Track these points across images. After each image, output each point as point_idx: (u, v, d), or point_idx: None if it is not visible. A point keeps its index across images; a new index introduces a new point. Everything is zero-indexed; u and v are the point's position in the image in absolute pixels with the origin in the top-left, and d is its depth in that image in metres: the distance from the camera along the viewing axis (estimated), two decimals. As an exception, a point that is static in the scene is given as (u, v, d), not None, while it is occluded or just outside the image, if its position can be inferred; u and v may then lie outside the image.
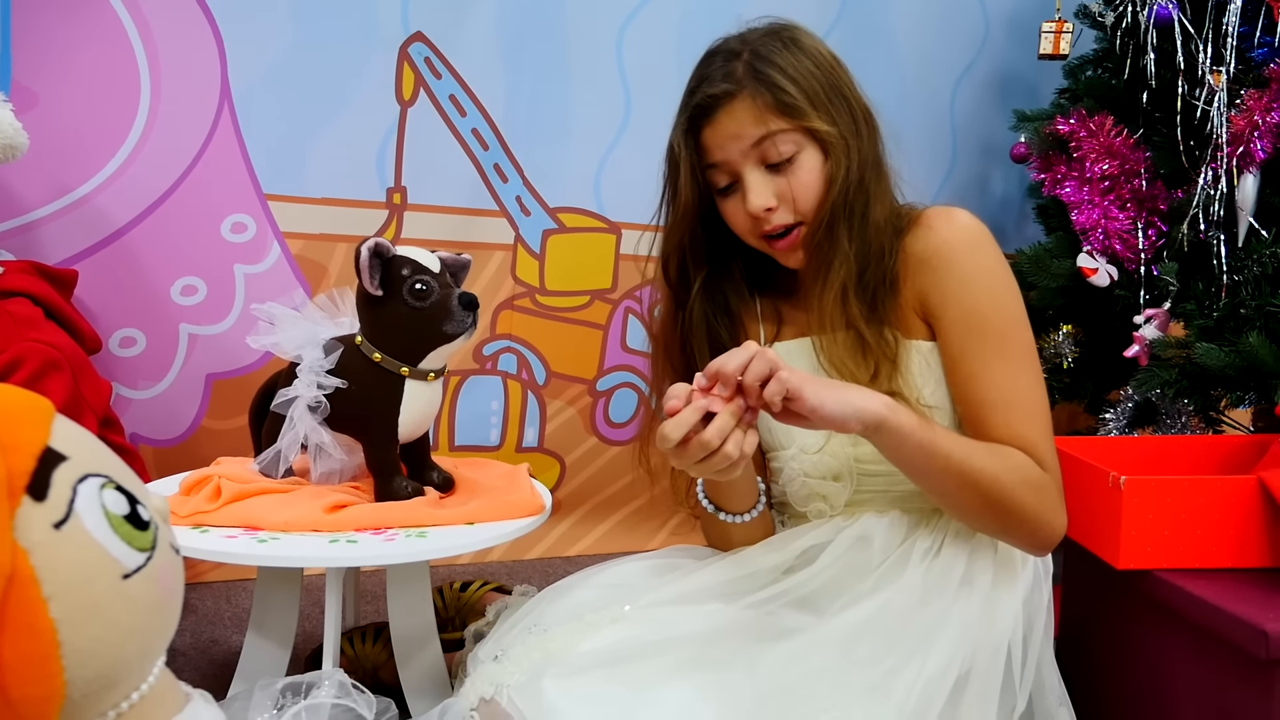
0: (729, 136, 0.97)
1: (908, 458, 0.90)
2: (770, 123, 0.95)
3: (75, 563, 0.56)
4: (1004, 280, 0.98)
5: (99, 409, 1.35)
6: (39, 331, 1.29)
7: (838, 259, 0.96)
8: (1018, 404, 0.95)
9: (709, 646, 0.92)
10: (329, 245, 1.65)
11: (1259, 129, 1.47)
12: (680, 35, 1.78)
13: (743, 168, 0.97)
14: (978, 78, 2.10)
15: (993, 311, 0.96)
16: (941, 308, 0.97)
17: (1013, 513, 0.92)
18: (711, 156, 0.99)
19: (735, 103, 0.96)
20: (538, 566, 1.82)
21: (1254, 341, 1.38)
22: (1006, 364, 0.95)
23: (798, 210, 0.98)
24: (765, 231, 0.99)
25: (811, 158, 0.97)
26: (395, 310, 1.03)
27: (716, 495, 1.02)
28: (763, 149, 0.96)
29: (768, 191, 0.97)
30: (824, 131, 0.96)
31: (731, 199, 1.00)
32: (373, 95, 1.63)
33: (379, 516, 1.02)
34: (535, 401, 1.84)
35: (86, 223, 1.52)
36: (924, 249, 0.98)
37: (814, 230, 0.98)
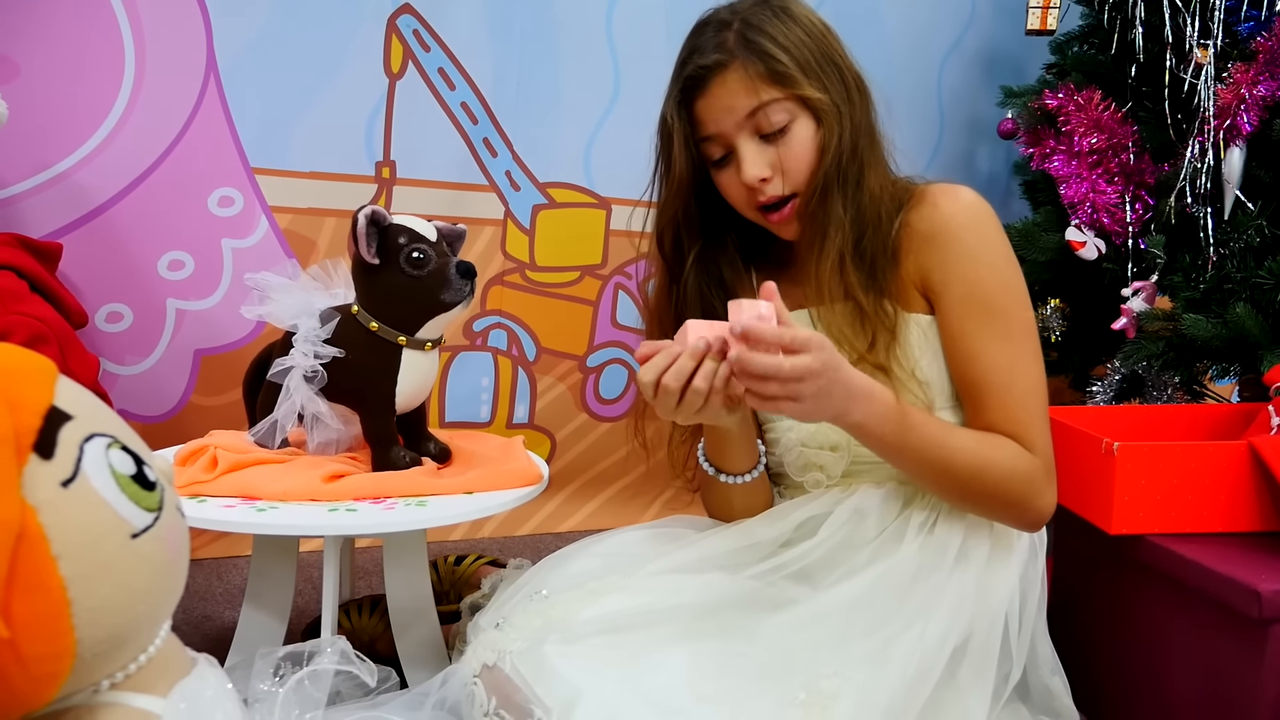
0: (722, 108, 0.96)
1: (889, 456, 0.93)
2: (763, 92, 0.95)
3: (84, 522, 0.56)
4: (1007, 259, 0.98)
5: (86, 384, 1.33)
6: (24, 305, 1.28)
7: (833, 227, 0.96)
8: (1015, 385, 0.95)
9: (710, 615, 0.93)
10: (317, 219, 1.64)
11: (1245, 102, 1.48)
12: (670, 8, 1.77)
13: (737, 139, 0.96)
14: (964, 54, 2.10)
15: (996, 290, 0.96)
16: (943, 285, 0.97)
17: (997, 501, 0.94)
18: (705, 129, 0.98)
19: (727, 73, 0.95)
20: (529, 542, 1.82)
21: (1241, 312, 1.40)
22: (1007, 344, 0.96)
23: (792, 180, 0.97)
24: (761, 203, 0.99)
25: (804, 127, 0.97)
26: (392, 279, 1.03)
27: (717, 456, 1.02)
28: (756, 119, 0.95)
29: (762, 162, 0.96)
30: (816, 99, 0.96)
31: (726, 171, 0.99)
32: (361, 68, 1.61)
33: (378, 486, 1.01)
34: (525, 378, 1.84)
35: (70, 197, 1.49)
36: (929, 225, 0.97)
37: (808, 200, 0.97)
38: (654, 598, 0.94)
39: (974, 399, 0.97)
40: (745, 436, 0.99)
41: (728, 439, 0.99)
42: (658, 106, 1.80)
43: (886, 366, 0.97)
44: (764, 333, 0.79)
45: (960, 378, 0.98)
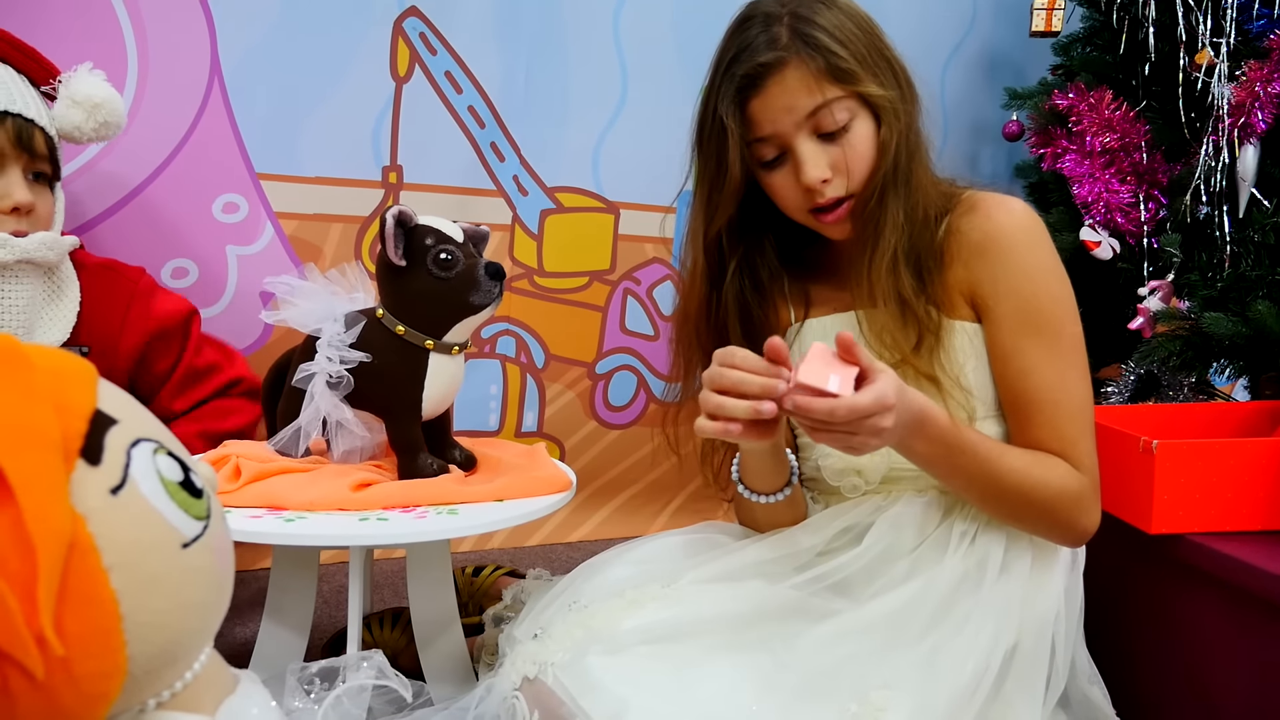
0: (781, 108, 0.92)
1: (939, 475, 0.92)
2: (825, 90, 0.91)
3: (134, 531, 0.53)
4: (1059, 274, 0.97)
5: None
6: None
7: (889, 227, 0.94)
8: (1064, 402, 0.94)
9: (752, 626, 0.91)
10: (323, 225, 1.60)
11: (1260, 100, 1.48)
12: (677, 12, 1.76)
13: (795, 139, 0.93)
14: (966, 57, 2.10)
15: (1049, 305, 0.95)
16: (995, 298, 0.95)
17: (1045, 519, 0.93)
18: (760, 130, 0.94)
19: (786, 71, 0.91)
20: (540, 553, 1.79)
21: (1263, 310, 1.39)
22: (1057, 360, 0.94)
23: (852, 180, 0.94)
24: (818, 205, 0.96)
25: (865, 125, 0.94)
26: (419, 281, 1.00)
27: (747, 475, 1.00)
28: (817, 119, 0.92)
29: (823, 163, 0.93)
30: (877, 96, 0.93)
31: (779, 172, 0.96)
32: (367, 71, 1.58)
33: (407, 494, 0.98)
34: (534, 385, 1.81)
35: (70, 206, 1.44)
36: (981, 235, 0.95)
37: (865, 200, 0.95)
38: (696, 607, 0.91)
39: (1021, 414, 0.95)
40: (776, 459, 0.97)
41: (758, 460, 0.97)
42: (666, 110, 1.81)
43: (932, 374, 0.96)
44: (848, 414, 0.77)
45: (1008, 391, 0.96)
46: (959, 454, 0.88)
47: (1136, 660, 1.13)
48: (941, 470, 0.91)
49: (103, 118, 1.19)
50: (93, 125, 1.19)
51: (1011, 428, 0.97)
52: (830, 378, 0.77)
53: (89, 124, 1.19)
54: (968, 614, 0.91)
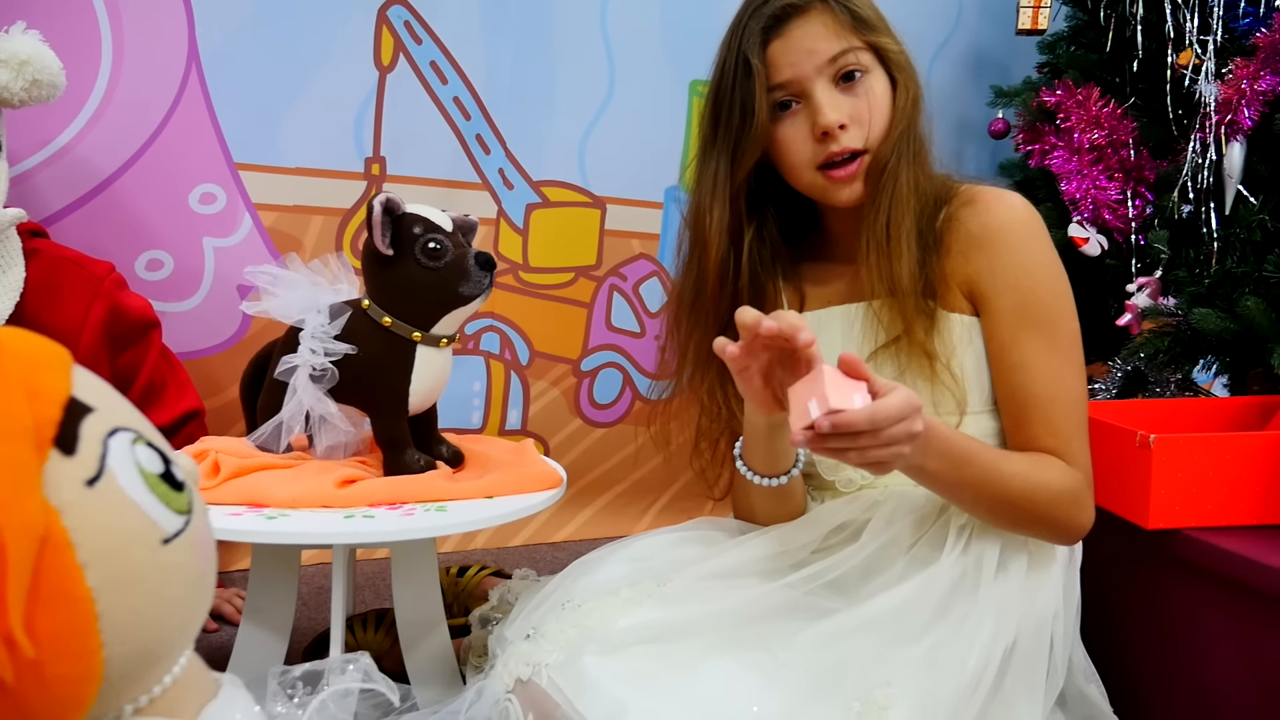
0: (803, 51, 0.92)
1: (941, 491, 0.91)
2: (847, 37, 0.92)
3: (111, 525, 0.50)
4: (1058, 270, 0.96)
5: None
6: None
7: (903, 195, 0.92)
8: (1060, 398, 0.93)
9: (750, 624, 0.89)
10: (304, 217, 1.57)
11: (1246, 97, 1.48)
12: (665, 4, 1.74)
13: (813, 84, 0.93)
14: (952, 55, 2.10)
15: (1048, 301, 0.94)
16: (993, 291, 0.94)
17: (1044, 522, 0.92)
18: (779, 74, 0.93)
19: (811, 14, 0.92)
20: (524, 553, 1.76)
21: (1252, 306, 1.39)
22: (1054, 355, 0.94)
23: (866, 134, 0.93)
24: (830, 155, 0.93)
25: (880, 80, 0.95)
26: (407, 271, 0.97)
27: (749, 456, 0.98)
28: (837, 64, 0.92)
29: (843, 109, 0.92)
30: (894, 52, 0.94)
31: (793, 122, 0.95)
32: (350, 60, 1.55)
33: (394, 491, 0.95)
34: (519, 382, 1.78)
35: (38, 196, 1.41)
36: (980, 229, 0.94)
37: (881, 161, 0.93)
38: (692, 605, 0.89)
39: (1017, 409, 0.94)
40: (780, 439, 0.95)
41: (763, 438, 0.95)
42: (654, 104, 1.80)
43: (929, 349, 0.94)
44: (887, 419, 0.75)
45: (1004, 386, 0.95)
46: (966, 465, 0.87)
47: (1133, 656, 1.12)
48: (949, 484, 0.89)
49: (31, 75, 1.13)
50: (21, 85, 1.12)
51: (1006, 422, 0.96)
52: (853, 396, 0.75)
53: (17, 83, 1.12)
54: (966, 612, 0.90)
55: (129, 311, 1.27)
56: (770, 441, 0.94)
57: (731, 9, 1.00)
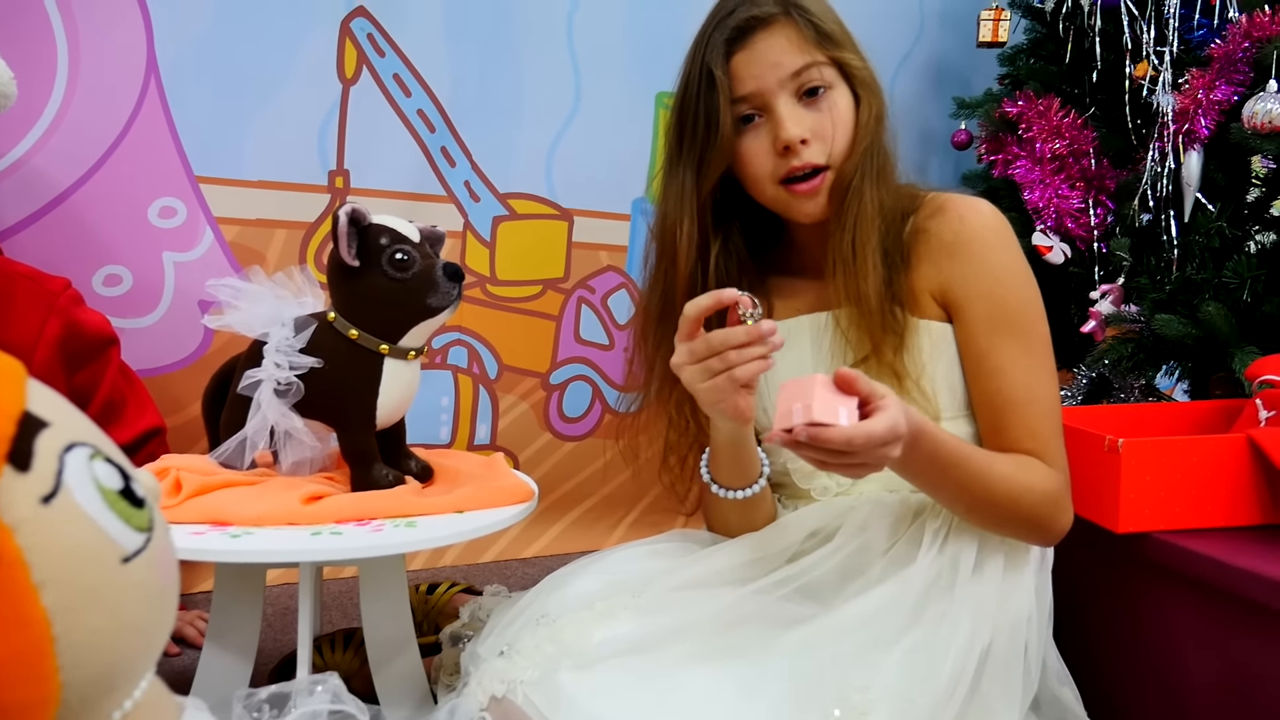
0: (767, 64, 0.92)
1: (928, 490, 0.91)
2: (811, 51, 0.92)
3: (69, 544, 0.48)
4: (1029, 276, 0.97)
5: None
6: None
7: (867, 213, 0.93)
8: (1037, 400, 0.94)
9: (726, 633, 0.88)
10: (266, 231, 1.54)
11: (1202, 106, 1.51)
12: (631, 16, 1.74)
13: (776, 98, 0.92)
14: (914, 67, 2.12)
15: (1021, 306, 0.95)
16: (968, 298, 0.95)
17: (1028, 523, 0.93)
18: (742, 87, 0.93)
19: (775, 28, 0.92)
20: (495, 569, 1.74)
21: (1212, 311, 1.41)
22: (1029, 359, 0.95)
23: (829, 150, 0.93)
24: (792, 169, 0.93)
25: (844, 96, 0.94)
26: (374, 282, 0.95)
27: (717, 471, 0.97)
28: (800, 79, 0.92)
29: (804, 123, 0.92)
30: (858, 68, 0.94)
31: (755, 135, 0.95)
32: (313, 72, 1.53)
33: (362, 507, 0.93)
34: (487, 396, 1.76)
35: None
36: (953, 236, 0.95)
37: (845, 178, 0.94)
38: (668, 616, 0.88)
39: (996, 413, 0.95)
40: (747, 451, 0.95)
41: (731, 452, 0.94)
42: (620, 116, 1.80)
43: (897, 369, 0.94)
44: (864, 444, 0.76)
45: (982, 391, 0.95)
46: (953, 467, 0.87)
47: (1106, 660, 1.13)
48: (934, 483, 0.90)
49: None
50: None
51: (984, 427, 0.96)
52: (839, 411, 0.75)
53: None
54: (942, 613, 0.90)
55: (85, 328, 1.24)
56: (736, 452, 0.94)
57: (696, 20, 1.00)
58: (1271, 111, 1.38)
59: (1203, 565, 0.99)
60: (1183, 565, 1.02)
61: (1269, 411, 1.18)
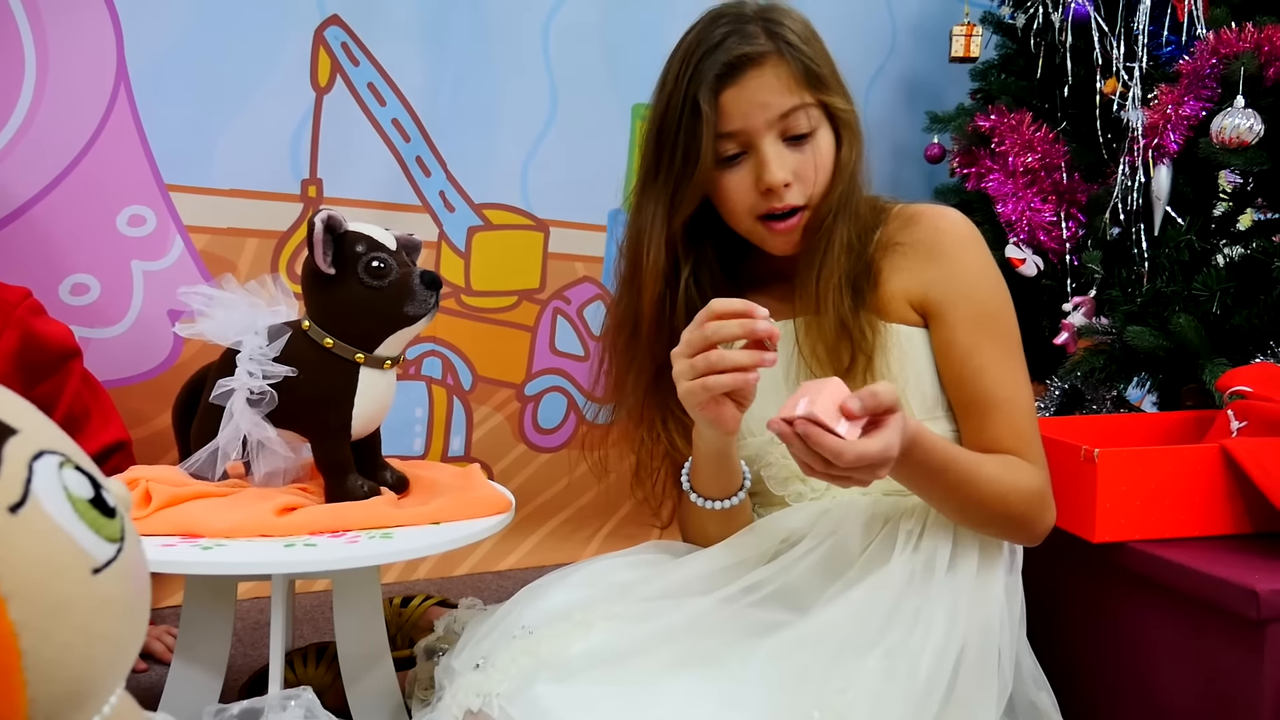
0: (756, 104, 0.91)
1: (920, 492, 0.92)
2: (800, 94, 0.91)
3: (37, 554, 0.46)
4: (1002, 279, 1.00)
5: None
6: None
7: (836, 249, 0.94)
8: (1018, 399, 0.96)
9: (703, 639, 0.87)
10: (237, 240, 1.52)
11: (1171, 121, 1.53)
12: (608, 26, 1.74)
13: (762, 138, 0.92)
14: (888, 81, 2.14)
15: (999, 308, 0.97)
16: (949, 301, 0.96)
17: (1015, 523, 0.94)
18: (729, 124, 0.92)
19: (765, 67, 0.91)
20: (469, 582, 1.72)
21: (1184, 323, 1.43)
22: (1009, 359, 0.96)
23: (807, 191, 0.94)
24: (772, 209, 0.94)
25: (827, 138, 0.94)
26: (350, 290, 0.94)
27: (698, 481, 0.97)
28: (787, 121, 0.91)
29: (788, 165, 0.92)
30: (844, 111, 0.94)
31: (737, 172, 0.94)
32: (286, 80, 1.52)
33: (337, 518, 0.92)
34: (461, 407, 1.75)
35: (-45, 216, 1.35)
36: (931, 243, 0.96)
37: (820, 217, 0.94)
38: (644, 625, 0.87)
39: (979, 412, 0.95)
40: (730, 461, 0.95)
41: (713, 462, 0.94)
42: (596, 126, 1.79)
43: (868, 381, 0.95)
44: (854, 460, 0.76)
45: (964, 391, 0.96)
46: (943, 470, 0.87)
47: (1084, 668, 1.13)
48: (925, 487, 0.90)
49: None
50: None
51: (967, 427, 0.97)
52: (841, 421, 0.75)
53: None
54: (917, 612, 0.90)
55: (44, 339, 1.21)
56: (719, 463, 0.94)
57: (675, 33, 0.99)
58: (1239, 127, 1.40)
59: (1179, 574, 1.00)
60: (1159, 574, 1.02)
61: (1240, 422, 1.20)
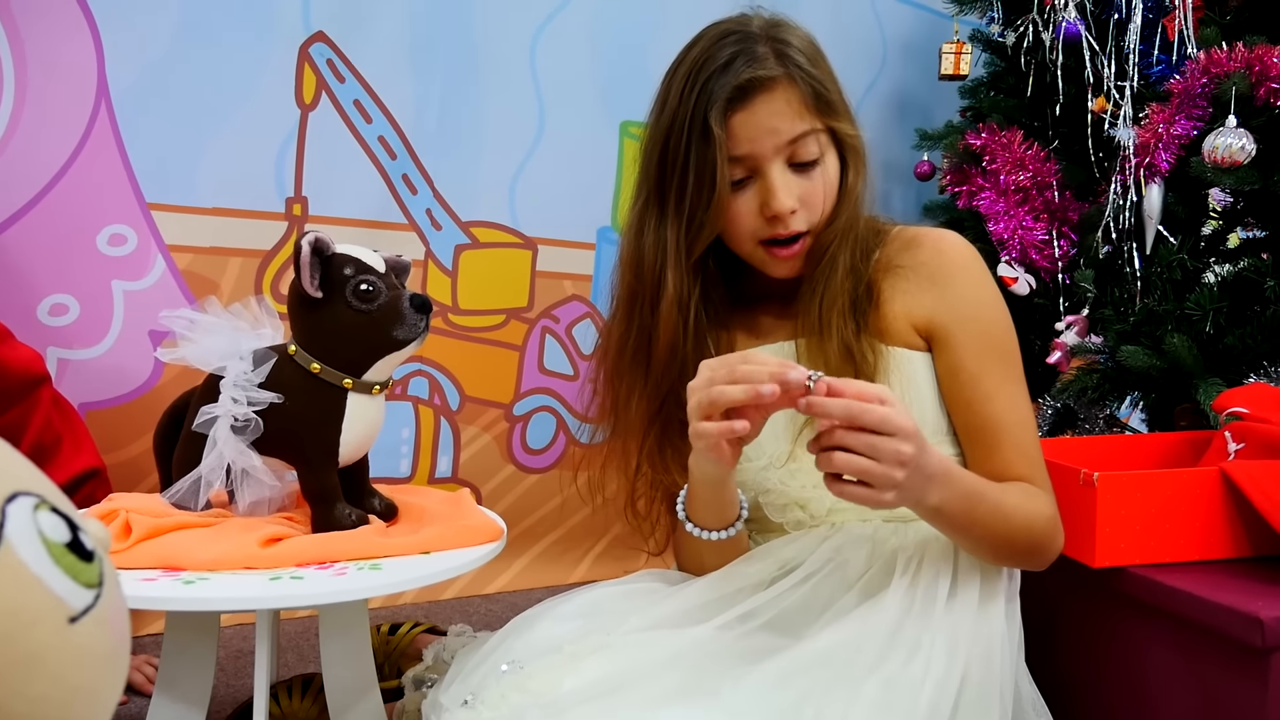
0: (765, 129, 0.88)
1: (950, 532, 0.90)
2: (809, 120, 0.89)
3: (9, 603, 0.44)
4: (1004, 302, 0.98)
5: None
6: None
7: (840, 274, 0.92)
8: (1025, 423, 0.95)
9: (699, 671, 0.85)
10: (220, 260, 1.50)
11: (1162, 140, 1.53)
12: (596, 42, 1.73)
13: (770, 164, 0.90)
14: (878, 99, 2.14)
15: (1005, 332, 0.96)
16: (955, 325, 0.94)
17: (1034, 551, 0.93)
18: (737, 148, 0.89)
19: (775, 91, 0.88)
20: (457, 606, 1.69)
21: (1177, 343, 1.42)
22: (1014, 385, 0.95)
23: (812, 217, 0.92)
24: (777, 235, 0.92)
25: (833, 163, 0.92)
26: (337, 314, 0.92)
27: (694, 511, 0.95)
28: (795, 147, 0.89)
29: (795, 192, 0.90)
30: (850, 136, 0.92)
31: (741, 195, 0.92)
32: (270, 97, 1.50)
33: (324, 549, 0.89)
34: (449, 428, 1.72)
35: (-69, 235, 1.32)
36: (935, 267, 0.95)
37: (825, 243, 0.92)
38: (638, 657, 0.85)
39: (988, 438, 0.94)
40: (728, 491, 0.93)
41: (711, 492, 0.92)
42: (584, 144, 1.78)
43: None
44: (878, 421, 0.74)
45: (973, 417, 0.94)
46: (979, 502, 0.86)
47: (1082, 695, 1.11)
48: (958, 523, 0.87)
49: None
50: None
51: (975, 453, 0.95)
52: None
53: None
54: (918, 641, 0.87)
55: (9, 366, 1.17)
56: (716, 493, 0.91)
57: (663, 49, 0.97)
58: (1232, 146, 1.40)
59: (1181, 600, 0.98)
60: (1160, 600, 1.01)
61: (1238, 444, 1.18)
